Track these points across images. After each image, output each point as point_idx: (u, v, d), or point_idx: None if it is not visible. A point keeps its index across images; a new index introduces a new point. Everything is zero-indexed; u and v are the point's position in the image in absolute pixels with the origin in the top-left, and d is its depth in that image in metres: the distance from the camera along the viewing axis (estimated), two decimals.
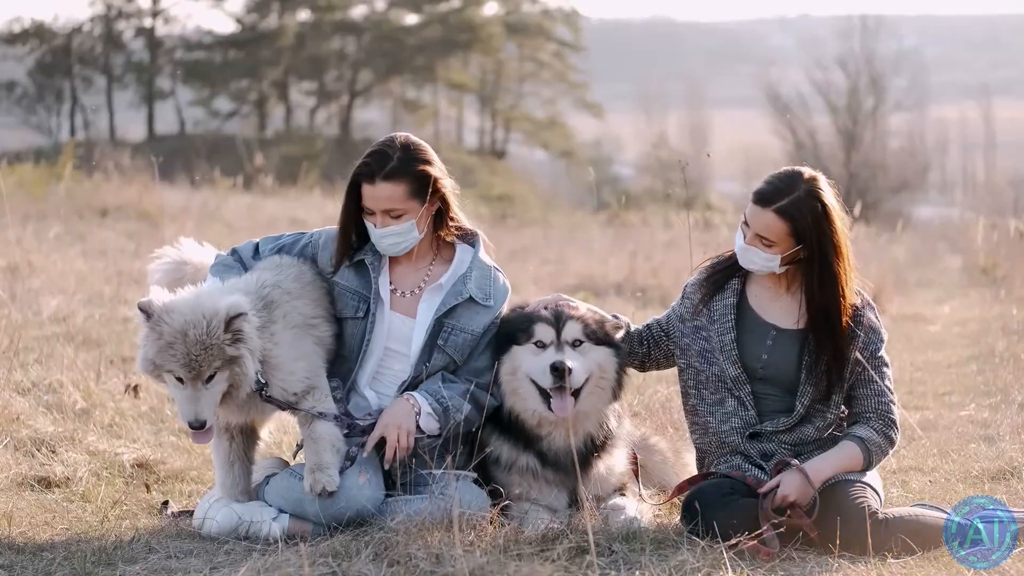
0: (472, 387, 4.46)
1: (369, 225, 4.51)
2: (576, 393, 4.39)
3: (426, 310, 4.54)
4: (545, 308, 4.52)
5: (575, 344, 4.44)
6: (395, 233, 4.47)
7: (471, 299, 4.53)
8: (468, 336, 4.53)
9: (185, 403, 4.12)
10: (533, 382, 4.42)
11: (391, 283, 4.59)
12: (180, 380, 4.10)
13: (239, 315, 4.12)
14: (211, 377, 4.11)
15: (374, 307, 4.53)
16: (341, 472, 4.27)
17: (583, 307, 4.56)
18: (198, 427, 4.11)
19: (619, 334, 4.54)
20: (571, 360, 4.35)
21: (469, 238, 4.67)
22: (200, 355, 4.07)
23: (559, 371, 4.31)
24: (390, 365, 4.57)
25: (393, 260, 4.62)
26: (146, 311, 4.11)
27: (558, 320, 4.45)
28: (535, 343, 4.44)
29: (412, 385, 4.51)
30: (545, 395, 4.40)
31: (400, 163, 4.44)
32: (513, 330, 4.51)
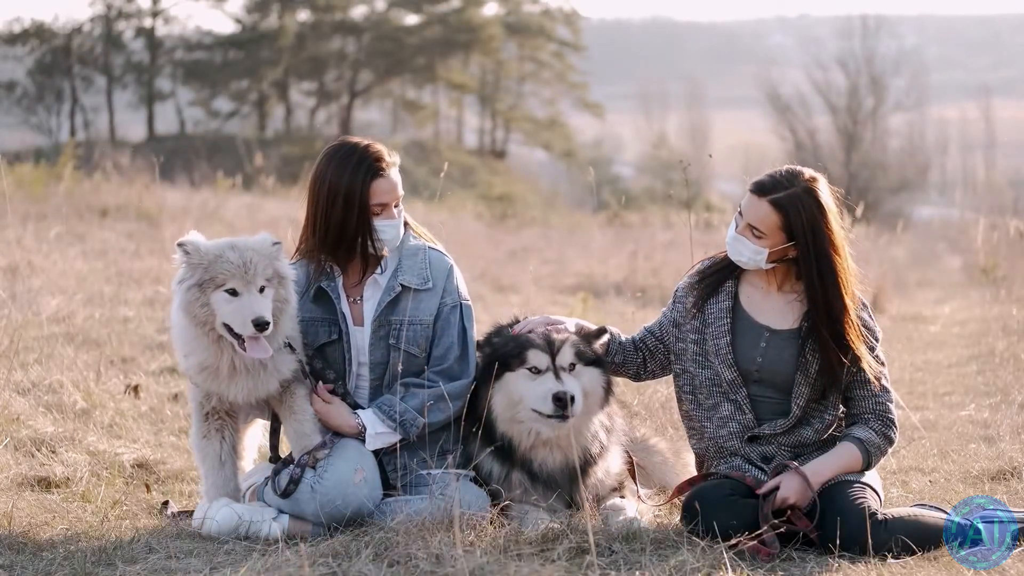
0: (436, 389, 4.43)
1: (380, 222, 4.49)
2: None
3: (369, 311, 4.53)
4: (532, 332, 4.47)
5: (570, 368, 4.41)
6: (396, 225, 4.52)
7: (407, 288, 4.50)
8: (419, 327, 4.50)
9: (245, 307, 4.14)
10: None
11: (348, 296, 4.58)
12: (232, 293, 4.15)
13: (278, 242, 4.29)
14: (261, 289, 4.18)
15: (343, 326, 4.52)
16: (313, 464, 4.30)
17: (570, 323, 4.54)
18: (262, 326, 4.12)
19: (602, 339, 4.55)
20: (573, 389, 4.33)
21: None
22: (252, 258, 4.17)
23: (562, 401, 4.30)
24: (365, 375, 4.56)
25: (343, 273, 4.60)
26: (184, 245, 4.21)
27: (551, 345, 4.41)
28: (529, 369, 4.41)
29: (379, 391, 4.51)
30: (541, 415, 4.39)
31: (393, 160, 4.55)
32: (504, 355, 4.45)
